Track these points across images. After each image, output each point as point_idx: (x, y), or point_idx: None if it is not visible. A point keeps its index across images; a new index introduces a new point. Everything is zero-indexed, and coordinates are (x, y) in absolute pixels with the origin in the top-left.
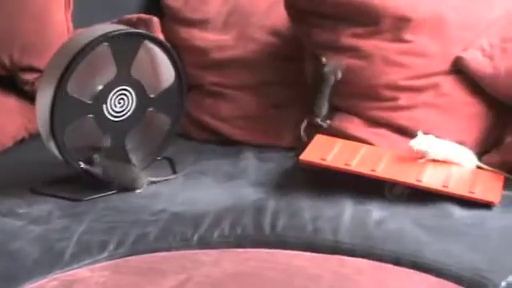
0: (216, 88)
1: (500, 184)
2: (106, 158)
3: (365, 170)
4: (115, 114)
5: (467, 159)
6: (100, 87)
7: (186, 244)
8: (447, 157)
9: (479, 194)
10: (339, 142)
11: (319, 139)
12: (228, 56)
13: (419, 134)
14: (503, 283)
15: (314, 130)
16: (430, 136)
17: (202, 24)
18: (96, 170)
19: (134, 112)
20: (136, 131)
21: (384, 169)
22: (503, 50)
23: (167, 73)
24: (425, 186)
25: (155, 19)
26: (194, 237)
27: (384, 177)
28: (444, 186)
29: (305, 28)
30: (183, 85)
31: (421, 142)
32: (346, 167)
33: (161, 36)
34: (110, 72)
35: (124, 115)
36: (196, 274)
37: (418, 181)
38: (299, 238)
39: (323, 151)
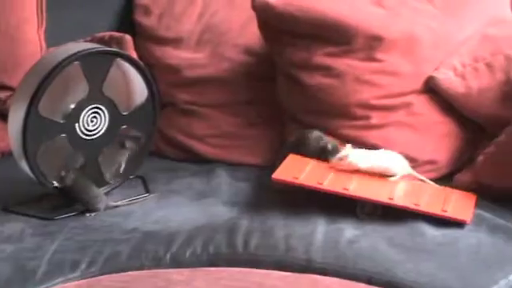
0: (189, 106)
1: (472, 203)
2: (75, 176)
3: (337, 188)
4: (88, 133)
5: (398, 167)
6: (72, 106)
7: (158, 263)
8: (377, 165)
9: (451, 212)
10: (312, 161)
11: (292, 158)
12: (201, 74)
13: (347, 146)
14: None
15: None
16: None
17: (175, 42)
18: (67, 189)
19: (106, 130)
20: (109, 149)
21: (356, 187)
22: (475, 69)
23: (140, 91)
24: (397, 204)
25: (128, 37)
26: (167, 256)
27: (356, 195)
28: (416, 205)
29: (278, 47)
30: (156, 103)
31: (349, 154)
32: (319, 186)
33: (134, 54)
34: (82, 90)
35: (97, 133)
36: None
37: (389, 199)
38: (272, 256)
39: (296, 170)
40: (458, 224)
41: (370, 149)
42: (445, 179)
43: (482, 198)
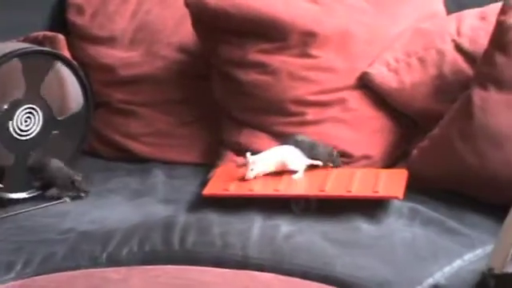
0: (124, 105)
1: (403, 179)
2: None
3: (268, 191)
4: (20, 133)
5: (296, 161)
6: (7, 105)
7: (94, 263)
8: (277, 162)
9: (383, 191)
10: (240, 170)
11: (221, 170)
12: (136, 73)
13: (247, 155)
14: None
15: (222, 146)
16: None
17: (109, 41)
18: None
19: (40, 131)
20: (42, 150)
21: (287, 186)
22: (408, 65)
23: (74, 91)
24: (328, 194)
25: (61, 36)
26: (103, 255)
27: (288, 194)
28: (348, 191)
29: (212, 44)
30: (90, 103)
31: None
32: (250, 193)
33: (67, 54)
34: (19, 90)
35: (30, 134)
36: None
37: (321, 191)
38: (208, 253)
39: (225, 181)
40: (393, 216)
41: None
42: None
43: (415, 191)
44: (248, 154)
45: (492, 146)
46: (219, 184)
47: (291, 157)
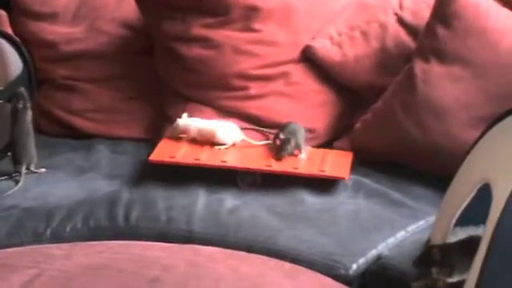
0: (67, 81)
1: (349, 160)
2: None
3: (215, 161)
4: None
5: (226, 135)
6: None
7: (38, 239)
8: (205, 131)
9: (329, 171)
10: (186, 141)
11: (167, 141)
12: (78, 49)
13: (184, 115)
14: (354, 266)
15: (166, 121)
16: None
17: (51, 17)
18: None
19: None
20: None
21: (234, 158)
22: (351, 38)
23: (17, 67)
24: (275, 170)
25: (2, 12)
26: (47, 231)
27: (234, 166)
28: (294, 168)
29: (155, 20)
30: (33, 79)
31: (184, 121)
32: (196, 161)
33: (9, 30)
34: None
35: None
36: (48, 268)
37: (267, 166)
38: (153, 228)
39: (172, 149)
40: (337, 190)
41: (249, 119)
42: (324, 146)
43: (359, 164)
44: (185, 114)
45: (434, 118)
46: (166, 151)
47: (222, 132)
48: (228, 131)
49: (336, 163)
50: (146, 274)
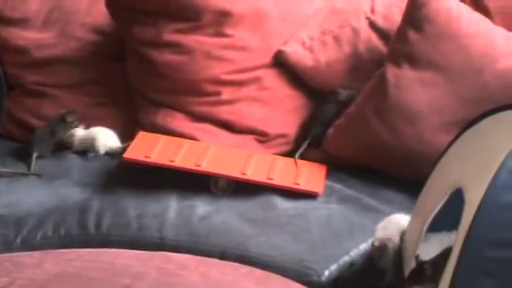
0: (38, 87)
1: (323, 174)
2: None
3: (189, 165)
4: None
5: (100, 142)
6: None
7: (8, 247)
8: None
9: (303, 184)
10: (163, 139)
11: (142, 136)
12: (49, 55)
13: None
14: (326, 272)
15: (138, 127)
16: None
17: (21, 22)
18: None
19: None
20: None
21: (208, 163)
22: (323, 43)
23: None
24: (249, 178)
25: None
26: (17, 239)
27: (209, 171)
28: (269, 179)
29: (126, 25)
30: (2, 85)
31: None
32: (171, 163)
33: None
34: None
35: None
36: (19, 277)
37: (243, 174)
38: (124, 236)
39: (147, 148)
40: (309, 196)
41: (222, 124)
42: (296, 152)
43: (332, 169)
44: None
45: (406, 122)
46: (141, 149)
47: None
48: (105, 139)
49: (310, 176)
50: (117, 282)
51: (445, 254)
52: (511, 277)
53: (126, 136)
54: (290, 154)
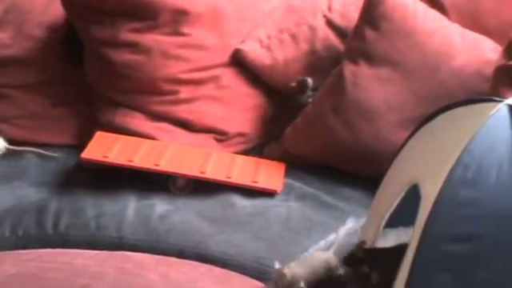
0: None
1: (282, 172)
2: None
3: (148, 164)
4: None
5: None
6: None
7: None
8: None
9: (262, 183)
10: (121, 138)
11: (100, 136)
12: (5, 55)
13: None
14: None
15: (96, 126)
16: None
17: None
18: None
19: None
20: None
21: (167, 163)
22: (280, 41)
23: None
24: (208, 177)
25: None
26: None
27: (167, 170)
28: (228, 177)
29: (83, 24)
30: None
31: None
32: (129, 163)
33: None
34: None
35: None
36: None
37: (201, 173)
38: (82, 236)
39: (105, 148)
40: (268, 194)
41: (180, 123)
42: (255, 151)
43: (291, 167)
44: None
45: (363, 120)
46: (99, 149)
47: None
48: None
49: (269, 174)
50: (76, 283)
51: (394, 249)
52: (467, 272)
53: (84, 136)
54: (248, 152)
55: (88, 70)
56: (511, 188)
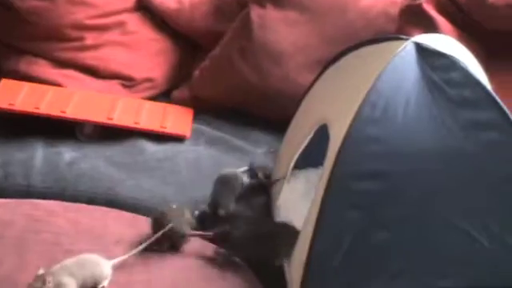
0: None
1: (190, 118)
2: None
3: (55, 112)
4: None
5: None
6: None
7: None
8: None
9: (170, 128)
10: (27, 86)
11: (5, 84)
12: None
13: None
14: (196, 212)
15: (1, 74)
16: None
17: None
18: None
19: None
20: None
21: (74, 109)
22: None
23: None
24: (116, 123)
25: None
26: None
27: (74, 117)
28: (135, 123)
29: None
30: None
31: None
32: (36, 110)
33: None
34: None
35: None
36: None
37: (109, 119)
38: None
39: (11, 96)
40: (177, 139)
41: (86, 70)
42: (163, 96)
43: (200, 112)
44: None
45: (271, 62)
46: (4, 97)
47: None
48: None
49: (177, 120)
50: None
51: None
52: (375, 207)
53: None
54: (156, 98)
55: None
56: (417, 125)
